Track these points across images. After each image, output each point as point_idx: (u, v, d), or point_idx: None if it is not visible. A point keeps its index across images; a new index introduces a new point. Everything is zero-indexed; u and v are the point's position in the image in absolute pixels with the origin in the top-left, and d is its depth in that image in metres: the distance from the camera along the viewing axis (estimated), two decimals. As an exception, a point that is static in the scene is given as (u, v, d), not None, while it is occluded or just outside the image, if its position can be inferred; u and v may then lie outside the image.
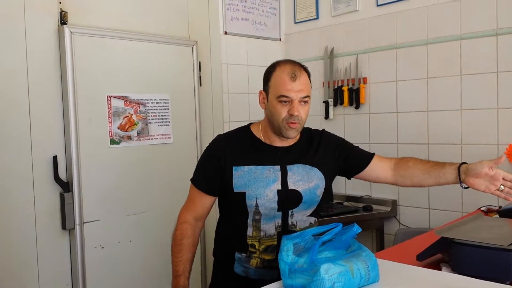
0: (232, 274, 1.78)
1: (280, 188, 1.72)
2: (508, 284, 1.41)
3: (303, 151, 1.81)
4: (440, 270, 1.59)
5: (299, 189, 1.74)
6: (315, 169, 1.79)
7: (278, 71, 1.71)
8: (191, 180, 1.83)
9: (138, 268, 2.86)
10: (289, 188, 1.73)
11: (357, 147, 1.94)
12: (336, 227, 1.48)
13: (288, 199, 1.73)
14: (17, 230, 2.43)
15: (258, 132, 1.81)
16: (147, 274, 2.90)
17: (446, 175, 1.78)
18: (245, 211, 1.72)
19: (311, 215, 1.81)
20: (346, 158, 1.87)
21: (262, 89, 1.78)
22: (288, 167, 1.75)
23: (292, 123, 1.68)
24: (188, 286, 1.80)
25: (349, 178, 1.95)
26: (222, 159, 1.74)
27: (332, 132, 1.95)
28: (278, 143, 1.78)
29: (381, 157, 1.92)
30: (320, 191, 1.79)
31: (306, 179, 1.76)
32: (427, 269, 1.58)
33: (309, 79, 1.75)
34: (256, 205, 1.70)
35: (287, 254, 1.46)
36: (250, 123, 1.87)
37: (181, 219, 1.82)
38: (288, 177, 1.74)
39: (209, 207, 1.83)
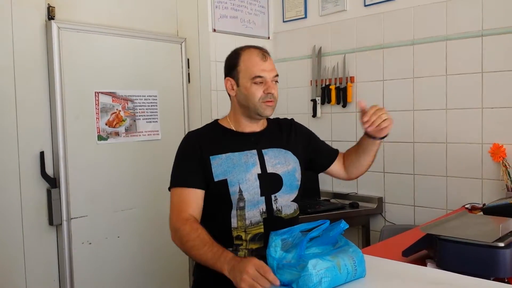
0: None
1: (260, 172, 1.73)
2: (492, 280, 1.44)
3: (275, 135, 1.85)
4: (426, 266, 1.62)
5: (279, 172, 1.76)
6: (290, 152, 1.83)
7: (246, 55, 1.75)
8: (173, 184, 1.73)
9: (125, 264, 2.86)
10: (268, 171, 1.75)
11: (324, 142, 2.01)
12: (324, 223, 1.50)
13: (269, 182, 1.74)
14: (4, 226, 2.41)
15: (227, 124, 1.83)
16: (134, 270, 2.90)
17: (366, 144, 1.85)
18: (228, 201, 1.70)
19: (294, 200, 1.82)
20: (315, 150, 1.94)
21: (228, 77, 1.79)
22: (263, 151, 1.77)
23: (268, 101, 1.72)
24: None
25: (316, 173, 2.00)
26: (199, 152, 1.73)
27: (320, 129, 1.98)
28: (248, 129, 1.81)
29: (341, 153, 2.01)
30: (298, 175, 1.82)
31: (284, 162, 1.79)
32: (413, 264, 1.61)
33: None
34: (240, 190, 1.69)
35: (275, 250, 1.47)
36: (216, 119, 1.89)
37: (179, 222, 1.64)
38: (265, 160, 1.76)
39: (201, 204, 1.72)
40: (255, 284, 1.33)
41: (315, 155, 1.94)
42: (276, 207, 1.75)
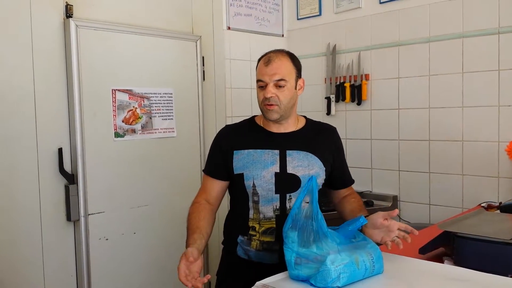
0: (236, 258, 1.86)
1: (278, 171, 1.79)
2: (509, 277, 1.44)
3: (307, 139, 1.88)
4: (443, 263, 1.62)
5: (298, 174, 1.80)
6: (317, 158, 1.85)
7: (260, 61, 1.85)
8: (203, 170, 1.96)
9: (141, 259, 2.89)
10: (288, 172, 1.80)
11: (346, 164, 2.03)
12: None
13: (286, 182, 1.79)
14: (23, 222, 2.45)
15: (260, 121, 1.93)
16: (150, 266, 2.93)
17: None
18: (245, 193, 1.82)
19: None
20: (337, 168, 1.94)
21: None
22: (288, 152, 1.82)
23: (268, 105, 1.78)
24: (193, 246, 1.69)
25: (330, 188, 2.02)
26: (224, 145, 1.87)
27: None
28: (276, 129, 1.87)
29: (351, 188, 2.03)
30: (320, 180, 1.85)
31: (307, 165, 1.82)
32: (430, 262, 1.61)
33: (292, 63, 1.85)
34: (254, 185, 1.79)
35: (292, 246, 1.49)
36: (255, 115, 1.98)
37: (192, 203, 1.89)
38: (287, 161, 1.81)
39: (218, 192, 1.89)
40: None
41: (336, 170, 1.94)
42: (289, 206, 1.79)
